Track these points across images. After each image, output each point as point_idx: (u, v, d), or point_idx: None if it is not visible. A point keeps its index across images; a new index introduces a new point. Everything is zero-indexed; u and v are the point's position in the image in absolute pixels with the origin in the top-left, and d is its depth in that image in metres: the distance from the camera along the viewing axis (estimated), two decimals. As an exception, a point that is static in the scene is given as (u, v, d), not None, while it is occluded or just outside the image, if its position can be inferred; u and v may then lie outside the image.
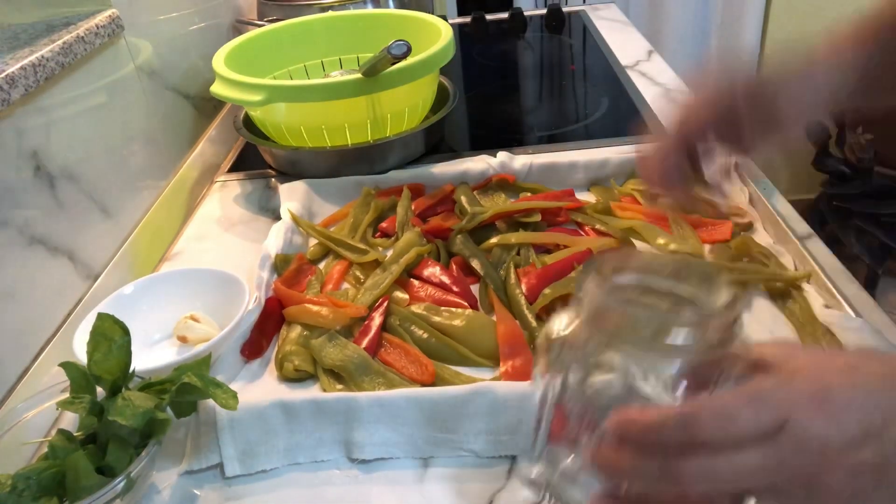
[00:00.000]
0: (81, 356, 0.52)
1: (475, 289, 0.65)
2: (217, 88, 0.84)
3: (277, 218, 0.79)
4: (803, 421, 0.33)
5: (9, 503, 0.42)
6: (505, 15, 1.41)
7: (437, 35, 0.88)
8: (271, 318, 0.62)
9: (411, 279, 0.67)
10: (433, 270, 0.67)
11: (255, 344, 0.60)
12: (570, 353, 0.40)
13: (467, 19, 1.42)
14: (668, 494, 0.36)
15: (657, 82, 1.06)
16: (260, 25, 1.06)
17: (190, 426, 0.52)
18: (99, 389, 0.48)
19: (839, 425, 0.33)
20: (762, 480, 0.34)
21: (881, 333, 0.51)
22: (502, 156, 0.81)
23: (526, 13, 1.40)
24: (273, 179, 0.90)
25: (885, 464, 0.33)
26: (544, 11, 1.42)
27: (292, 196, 0.79)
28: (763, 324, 0.57)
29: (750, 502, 0.35)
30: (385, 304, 0.62)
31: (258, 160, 0.94)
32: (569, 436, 0.40)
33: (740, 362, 0.37)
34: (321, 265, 0.71)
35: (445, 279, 0.65)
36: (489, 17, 1.42)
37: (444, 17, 1.12)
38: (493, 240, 0.69)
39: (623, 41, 1.24)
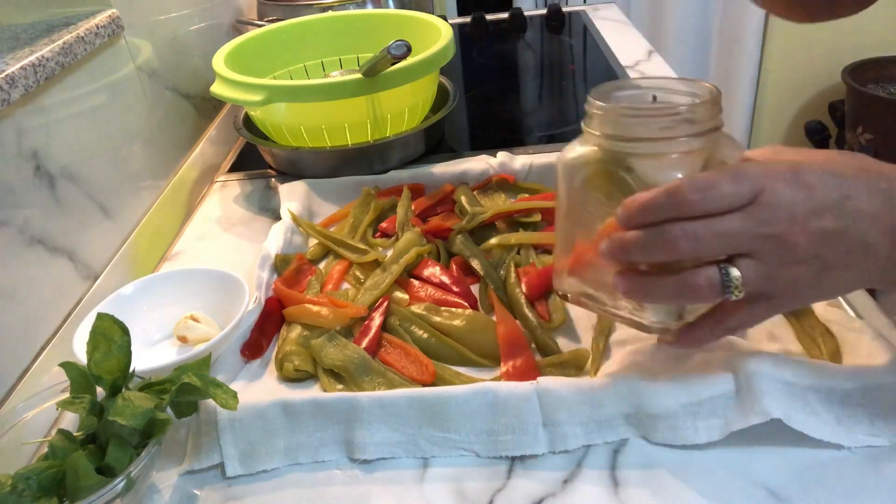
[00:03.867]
0: (81, 356, 0.52)
1: (475, 289, 0.65)
2: (217, 88, 0.84)
3: (277, 218, 0.79)
4: (776, 190, 0.40)
5: (9, 503, 0.42)
6: (505, 15, 1.41)
7: (437, 35, 0.88)
8: (271, 318, 0.62)
9: (411, 279, 0.67)
10: (433, 270, 0.67)
11: (255, 344, 0.60)
12: (585, 168, 0.48)
13: (467, 19, 1.42)
14: (667, 260, 0.41)
15: (657, 82, 1.05)
16: (260, 25, 1.06)
17: (191, 426, 0.52)
18: (99, 389, 0.48)
19: (806, 195, 0.40)
20: (741, 243, 0.40)
21: (882, 335, 0.51)
22: (502, 156, 0.81)
23: (526, 13, 1.40)
24: (273, 179, 0.90)
25: (844, 231, 0.40)
26: (544, 11, 1.42)
27: (292, 196, 0.79)
28: (762, 323, 0.57)
29: (731, 267, 0.40)
30: (385, 304, 0.62)
31: (258, 160, 0.94)
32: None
33: (729, 157, 0.45)
34: (321, 265, 0.71)
35: (445, 279, 0.65)
36: (489, 17, 1.42)
37: (444, 17, 1.13)
38: (493, 240, 0.69)
39: (623, 41, 1.24)
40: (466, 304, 0.63)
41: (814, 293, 0.43)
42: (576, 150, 0.48)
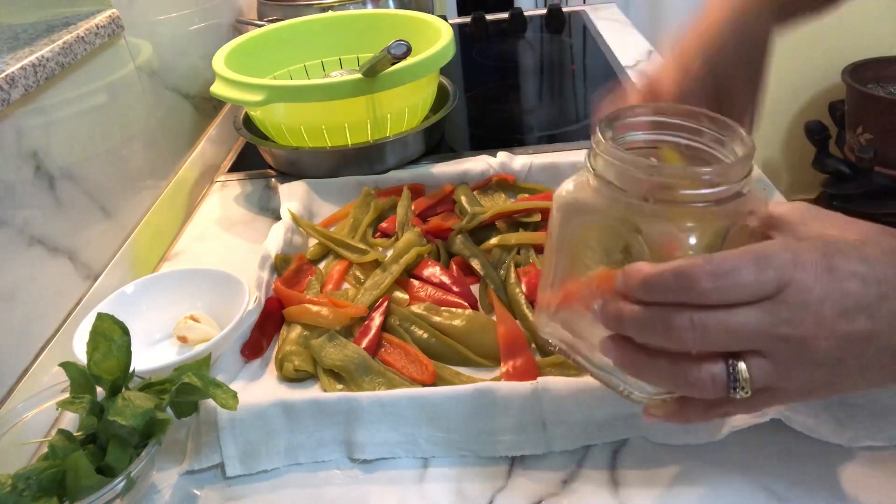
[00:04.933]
0: (81, 356, 0.52)
1: (475, 289, 0.65)
2: (217, 88, 0.84)
3: (277, 218, 0.79)
4: (805, 285, 0.34)
5: (9, 503, 0.42)
6: (505, 15, 1.41)
7: (437, 35, 0.88)
8: (271, 318, 0.62)
9: (411, 279, 0.67)
10: (433, 270, 0.67)
11: (255, 344, 0.60)
12: (585, 216, 0.42)
13: (467, 19, 1.41)
14: (667, 348, 0.36)
15: (657, 82, 1.05)
16: (260, 25, 1.06)
17: (190, 426, 0.52)
18: (99, 389, 0.48)
19: (839, 293, 0.34)
20: (756, 341, 0.35)
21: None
22: (502, 156, 0.81)
23: (526, 13, 1.40)
24: (273, 179, 0.90)
25: (874, 336, 0.34)
26: (544, 11, 1.42)
27: (292, 196, 0.79)
28: None
29: (740, 363, 0.35)
30: (385, 304, 0.62)
31: (258, 160, 0.94)
32: (583, 298, 0.42)
33: (753, 217, 0.39)
34: (321, 265, 0.71)
35: (445, 279, 0.65)
36: (489, 17, 1.42)
37: (444, 17, 1.13)
38: (493, 240, 0.69)
39: (623, 41, 1.24)
40: (466, 304, 0.63)
41: (826, 392, 0.38)
42: (575, 186, 0.43)
